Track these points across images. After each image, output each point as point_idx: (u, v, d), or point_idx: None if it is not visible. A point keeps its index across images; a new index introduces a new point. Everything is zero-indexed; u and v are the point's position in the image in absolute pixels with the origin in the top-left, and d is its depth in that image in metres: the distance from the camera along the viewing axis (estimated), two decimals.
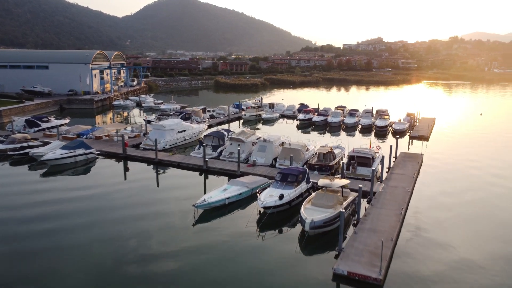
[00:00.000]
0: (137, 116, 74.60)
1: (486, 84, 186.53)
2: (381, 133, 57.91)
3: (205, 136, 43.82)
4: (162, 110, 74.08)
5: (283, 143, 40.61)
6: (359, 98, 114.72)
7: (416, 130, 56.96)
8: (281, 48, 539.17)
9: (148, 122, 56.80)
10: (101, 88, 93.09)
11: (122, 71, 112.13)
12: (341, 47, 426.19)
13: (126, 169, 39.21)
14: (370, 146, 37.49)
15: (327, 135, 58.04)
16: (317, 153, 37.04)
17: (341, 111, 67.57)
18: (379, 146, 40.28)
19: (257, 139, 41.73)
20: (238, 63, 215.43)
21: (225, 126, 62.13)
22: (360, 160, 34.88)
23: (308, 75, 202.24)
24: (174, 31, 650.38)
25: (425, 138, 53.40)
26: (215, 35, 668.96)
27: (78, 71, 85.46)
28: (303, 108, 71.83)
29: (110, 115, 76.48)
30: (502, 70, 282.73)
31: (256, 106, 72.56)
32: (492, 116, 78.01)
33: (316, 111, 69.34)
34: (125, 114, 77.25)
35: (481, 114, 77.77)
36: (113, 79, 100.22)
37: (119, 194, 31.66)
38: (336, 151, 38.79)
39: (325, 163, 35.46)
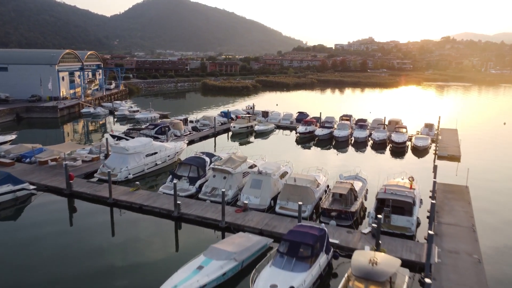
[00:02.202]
0: (112, 126, 63.04)
1: (489, 86, 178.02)
2: (399, 151, 47.68)
3: (179, 164, 32.64)
4: (137, 119, 63.40)
5: (284, 174, 30.23)
6: (360, 103, 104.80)
7: (443, 147, 46.62)
8: (272, 48, 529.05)
9: (116, 138, 46.19)
10: (71, 92, 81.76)
11: (97, 73, 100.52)
12: (333, 47, 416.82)
13: (72, 210, 28.81)
14: (411, 187, 26.74)
15: (333, 151, 48.00)
16: (332, 192, 26.74)
17: (348, 122, 57.40)
18: (412, 177, 29.74)
19: (250, 167, 31.19)
20: (228, 63, 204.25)
21: (211, 141, 51.76)
22: (396, 204, 24.67)
23: (302, 76, 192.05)
24: (164, 30, 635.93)
25: (456, 158, 43.22)
26: (205, 34, 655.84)
27: (42, 74, 73.92)
28: (302, 118, 61.21)
29: (81, 124, 64.73)
30: (499, 71, 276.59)
31: (247, 116, 61.87)
32: None
33: (318, 121, 59.12)
34: (98, 124, 65.43)
35: (504, 123, 68.10)
36: (85, 82, 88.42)
37: (47, 248, 22.22)
38: (356, 186, 28.45)
39: (346, 209, 25.09)
